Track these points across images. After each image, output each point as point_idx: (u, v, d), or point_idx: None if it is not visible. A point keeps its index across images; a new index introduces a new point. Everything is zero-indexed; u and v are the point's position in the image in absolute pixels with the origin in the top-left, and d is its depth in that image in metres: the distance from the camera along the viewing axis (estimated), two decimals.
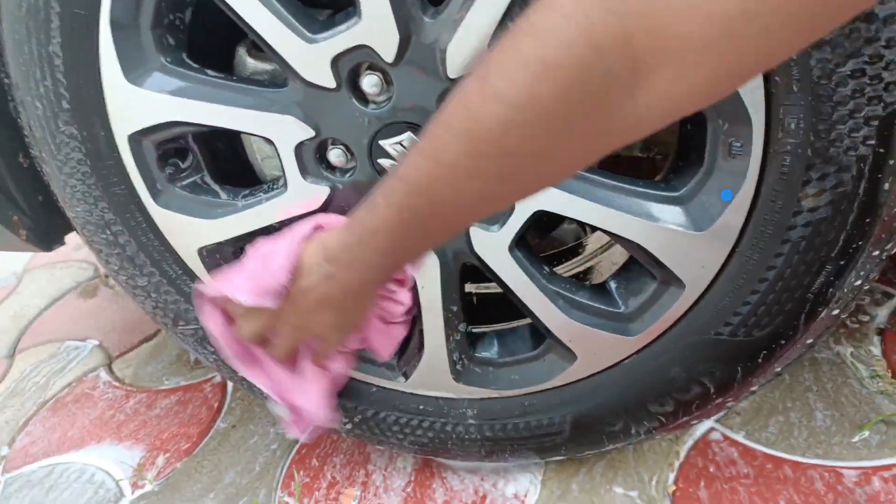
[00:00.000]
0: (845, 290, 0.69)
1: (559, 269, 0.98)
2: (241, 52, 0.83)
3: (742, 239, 0.68)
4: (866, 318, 1.09)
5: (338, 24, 0.68)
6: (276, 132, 0.76)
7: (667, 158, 0.85)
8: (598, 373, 0.85)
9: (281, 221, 0.83)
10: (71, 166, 0.83)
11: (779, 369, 0.78)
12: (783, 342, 0.74)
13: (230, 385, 1.32)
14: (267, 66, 0.83)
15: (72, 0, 0.71)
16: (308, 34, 0.68)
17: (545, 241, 1.02)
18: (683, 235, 0.70)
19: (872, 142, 0.59)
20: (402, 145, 0.74)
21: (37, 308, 1.74)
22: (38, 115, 0.80)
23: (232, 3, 0.68)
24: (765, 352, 0.75)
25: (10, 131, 0.90)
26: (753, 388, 0.81)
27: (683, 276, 0.73)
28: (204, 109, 0.76)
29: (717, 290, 0.73)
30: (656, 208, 0.71)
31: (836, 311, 0.71)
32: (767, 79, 0.59)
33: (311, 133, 0.75)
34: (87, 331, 1.59)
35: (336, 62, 0.69)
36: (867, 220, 0.63)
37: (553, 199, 0.72)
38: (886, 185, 0.61)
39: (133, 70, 0.75)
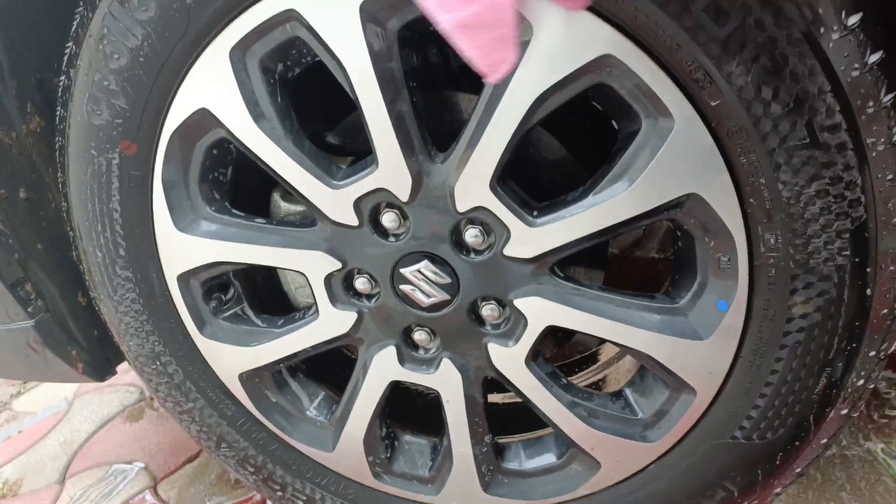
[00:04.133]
0: (849, 391, 0.71)
1: (576, 378, 1.02)
2: (276, 196, 0.94)
3: (742, 345, 0.72)
4: (894, 413, 1.09)
5: (358, 171, 0.77)
6: (307, 266, 0.84)
7: None
8: (623, 480, 0.87)
9: (314, 346, 0.90)
10: (126, 305, 0.92)
11: (799, 470, 0.79)
12: (797, 443, 0.76)
13: None
14: (298, 208, 0.93)
15: (129, 164, 0.82)
16: (333, 181, 0.78)
17: (562, 350, 1.06)
18: (687, 344, 0.74)
19: (847, 252, 0.64)
20: (420, 272, 0.81)
21: (86, 433, 1.81)
22: (98, 261, 0.90)
23: (267, 159, 0.78)
24: (781, 453, 0.77)
25: (71, 275, 1.01)
26: (777, 490, 0.81)
27: (693, 383, 0.77)
28: (245, 250, 0.85)
29: (727, 395, 0.76)
30: (659, 319, 0.76)
31: (844, 411, 0.73)
32: (742, 201, 0.65)
33: (339, 265, 0.83)
34: (133, 454, 1.65)
35: (358, 204, 0.78)
36: (857, 324, 0.67)
37: (562, 315, 0.78)
38: (869, 291, 0.65)
39: (182, 220, 0.85)
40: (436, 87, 0.84)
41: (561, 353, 1.09)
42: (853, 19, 0.57)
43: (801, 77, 0.58)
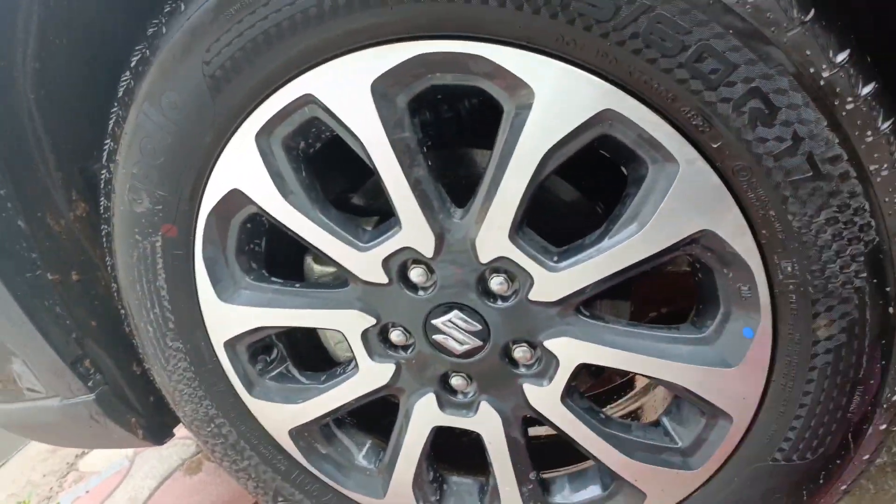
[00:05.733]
0: (885, 407, 0.72)
1: (613, 407, 1.03)
2: (309, 260, 0.99)
3: (773, 371, 0.74)
4: None
5: (383, 233, 0.81)
6: (343, 324, 0.88)
7: None
8: None
9: (357, 398, 0.93)
10: (178, 374, 0.97)
11: (845, 487, 0.79)
12: (839, 461, 0.76)
13: None
14: (330, 270, 0.97)
15: (172, 245, 0.87)
16: (360, 244, 0.82)
17: (599, 380, 1.08)
18: (717, 372, 0.76)
19: (864, 275, 0.65)
20: (451, 322, 0.84)
21: (149, 489, 1.87)
22: (150, 336, 0.96)
23: (297, 230, 0.82)
24: (824, 472, 0.77)
25: (124, 347, 1.07)
26: None
27: (728, 409, 0.78)
28: (283, 314, 0.90)
29: (763, 419, 0.77)
30: (687, 350, 0.77)
31: (883, 426, 0.74)
32: (755, 233, 0.67)
33: (373, 321, 0.87)
34: None
35: (386, 263, 0.82)
36: (884, 342, 0.68)
37: (591, 352, 0.80)
38: (891, 309, 0.66)
39: (224, 291, 0.90)
40: (449, 145, 0.88)
41: (598, 383, 1.10)
42: (841, 56, 0.59)
43: (795, 115, 0.60)
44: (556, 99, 0.66)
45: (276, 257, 0.94)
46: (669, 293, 1.29)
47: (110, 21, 0.95)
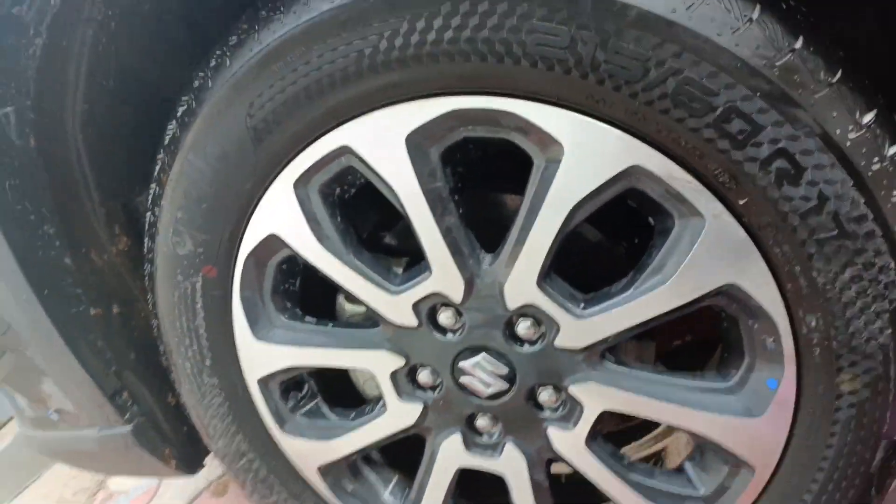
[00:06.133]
0: None
1: (635, 446, 1.04)
2: (340, 299, 1.02)
3: (796, 422, 0.74)
4: None
5: (414, 277, 0.83)
6: (373, 364, 0.91)
7: None
8: None
9: (385, 437, 0.95)
10: (213, 409, 1.00)
11: None
12: None
13: None
14: (361, 309, 1.00)
15: (211, 286, 0.91)
16: (392, 287, 0.84)
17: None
18: (740, 422, 0.76)
19: (889, 331, 0.66)
20: (478, 364, 0.86)
21: None
22: (188, 372, 0.99)
23: (331, 273, 0.85)
24: None
25: (160, 378, 1.10)
26: None
27: (750, 459, 0.78)
28: (316, 354, 0.92)
29: (786, 471, 0.77)
30: (710, 398, 0.78)
31: None
32: (781, 287, 0.68)
33: (402, 362, 0.89)
34: None
35: (416, 306, 0.84)
36: None
37: (616, 399, 0.81)
38: None
39: (260, 330, 0.93)
40: (480, 190, 0.90)
41: (620, 420, 1.11)
42: (868, 117, 0.61)
43: (821, 175, 0.62)
44: (586, 154, 0.68)
45: (309, 295, 0.97)
46: (690, 325, 1.28)
47: (153, 69, 1.00)
